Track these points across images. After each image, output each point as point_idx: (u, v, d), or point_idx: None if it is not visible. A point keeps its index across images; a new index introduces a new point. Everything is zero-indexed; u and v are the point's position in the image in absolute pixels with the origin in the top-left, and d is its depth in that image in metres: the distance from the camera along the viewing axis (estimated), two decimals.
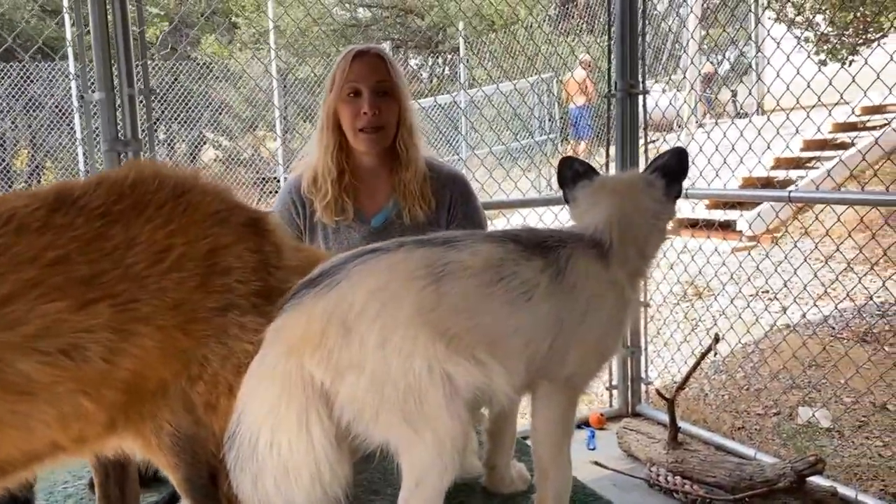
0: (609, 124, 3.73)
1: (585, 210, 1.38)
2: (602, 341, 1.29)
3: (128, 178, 1.15)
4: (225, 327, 1.14)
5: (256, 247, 1.20)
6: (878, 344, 4.14)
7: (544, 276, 1.20)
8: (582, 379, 1.32)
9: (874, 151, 4.22)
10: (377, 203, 2.10)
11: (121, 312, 1.06)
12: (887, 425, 3.46)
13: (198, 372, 1.14)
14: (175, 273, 1.11)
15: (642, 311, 3.65)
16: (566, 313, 1.22)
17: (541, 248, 1.23)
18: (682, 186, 1.41)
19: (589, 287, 1.24)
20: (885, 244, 3.43)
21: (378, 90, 2.00)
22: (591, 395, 4.02)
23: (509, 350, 1.17)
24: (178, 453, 1.14)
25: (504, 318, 1.16)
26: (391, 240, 1.21)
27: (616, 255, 1.29)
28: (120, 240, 1.08)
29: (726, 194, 4.77)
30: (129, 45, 2.58)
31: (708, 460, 2.84)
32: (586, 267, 1.25)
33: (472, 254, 1.17)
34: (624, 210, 1.34)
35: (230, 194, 1.25)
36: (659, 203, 1.37)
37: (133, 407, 1.12)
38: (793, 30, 5.49)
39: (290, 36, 10.82)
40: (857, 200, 3.10)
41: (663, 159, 1.40)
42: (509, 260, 1.19)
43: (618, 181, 1.45)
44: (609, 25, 3.61)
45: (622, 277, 1.29)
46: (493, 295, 1.15)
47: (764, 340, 4.25)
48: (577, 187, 1.42)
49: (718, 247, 4.23)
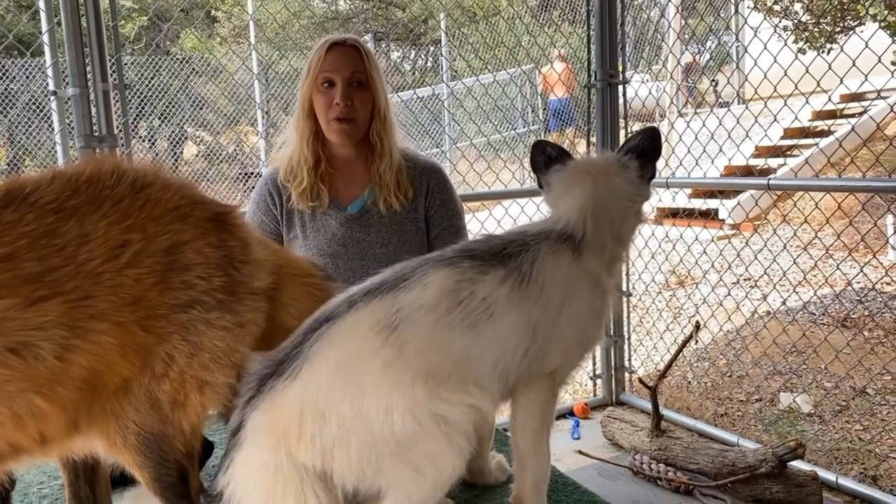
0: (589, 115, 3.73)
1: (559, 195, 1.37)
2: (583, 333, 1.29)
3: (84, 174, 1.13)
4: (188, 324, 1.13)
5: (220, 242, 1.18)
6: (857, 329, 4.19)
7: (505, 286, 1.18)
8: (565, 371, 1.32)
9: (854, 139, 4.26)
10: (354, 191, 2.10)
11: (73, 309, 1.04)
12: (867, 409, 3.50)
13: (162, 370, 1.12)
14: (132, 269, 1.09)
15: (624, 301, 3.67)
16: (539, 317, 1.20)
17: (499, 257, 1.21)
18: (656, 167, 1.39)
19: (560, 284, 1.23)
20: (862, 230, 3.46)
21: (352, 81, 1.99)
22: (576, 384, 4.04)
23: (482, 373, 1.16)
24: (144, 452, 1.13)
25: (469, 345, 1.15)
26: (340, 300, 1.20)
27: (590, 245, 1.27)
28: (73, 236, 1.06)
29: (706, 183, 4.79)
30: (103, 40, 2.54)
31: (691, 447, 2.86)
32: (554, 265, 1.23)
33: (424, 288, 1.15)
34: (598, 194, 1.32)
35: (193, 189, 1.23)
36: (633, 185, 1.35)
37: (95, 405, 1.10)
38: (771, 18, 5.51)
39: (269, 30, 10.73)
40: (834, 187, 3.12)
41: (636, 140, 1.38)
42: (465, 280, 1.17)
43: (591, 164, 1.43)
44: (588, 15, 3.60)
45: (597, 266, 1.28)
46: (453, 324, 1.14)
47: (745, 327, 4.29)
48: (551, 172, 1.40)
49: (699, 235, 4.25)
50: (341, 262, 2.05)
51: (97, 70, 2.53)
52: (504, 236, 1.30)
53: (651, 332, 4.35)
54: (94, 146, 2.55)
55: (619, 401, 3.71)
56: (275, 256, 1.31)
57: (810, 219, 3.96)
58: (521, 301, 1.19)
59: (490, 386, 1.17)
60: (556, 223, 1.30)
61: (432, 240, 2.12)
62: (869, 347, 3.83)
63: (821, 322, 4.39)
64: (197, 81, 11.64)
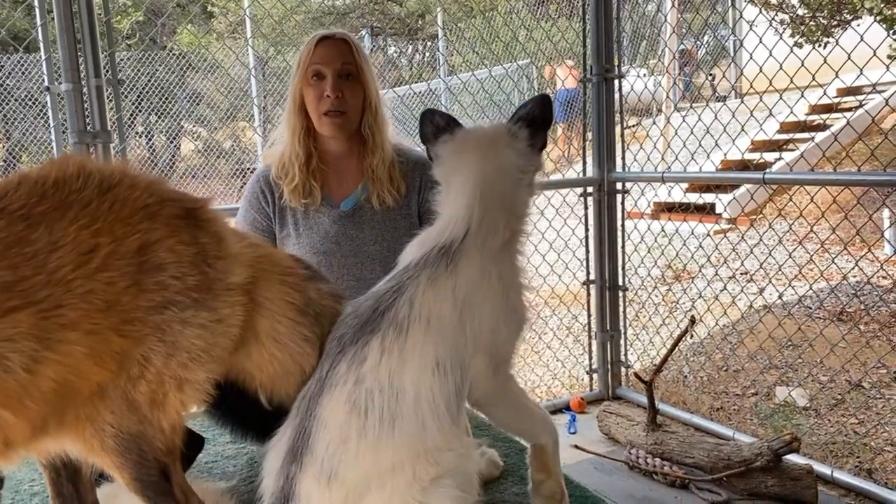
0: (585, 109, 3.72)
1: (448, 171, 1.32)
2: (502, 327, 1.26)
3: (50, 177, 1.10)
4: (164, 324, 1.11)
5: (192, 239, 1.16)
6: (852, 323, 4.20)
7: (386, 354, 1.16)
8: (504, 358, 1.30)
9: (850, 133, 4.26)
10: (346, 188, 2.09)
11: (44, 320, 1.01)
12: (862, 403, 3.51)
13: (139, 372, 1.11)
14: (103, 274, 1.06)
15: (620, 295, 3.68)
16: (443, 350, 1.17)
17: (371, 323, 1.19)
18: (546, 136, 1.34)
19: (449, 305, 1.20)
20: (858, 224, 3.46)
21: (342, 73, 1.99)
22: (572, 379, 4.04)
23: (432, 436, 1.15)
24: (123, 454, 1.12)
25: (404, 434, 1.13)
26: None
27: (481, 230, 1.24)
28: (43, 243, 1.04)
29: (701, 177, 4.79)
30: (96, 35, 2.53)
31: (686, 441, 2.87)
32: (436, 292, 1.20)
33: (326, 429, 1.14)
34: (487, 169, 1.28)
35: (162, 186, 1.20)
36: (524, 156, 1.30)
37: (68, 412, 1.08)
38: (767, 12, 5.51)
39: (266, 25, 10.70)
40: (829, 181, 3.11)
41: (527, 108, 1.33)
42: (354, 388, 1.14)
43: (479, 135, 1.36)
44: (584, 10, 3.60)
45: (487, 254, 1.25)
46: (377, 436, 1.12)
47: (741, 321, 4.29)
48: (439, 143, 1.35)
49: (695, 229, 4.25)
50: (334, 259, 2.05)
51: (90, 66, 2.52)
52: (377, 290, 1.26)
53: (647, 327, 4.36)
54: (88, 142, 2.54)
55: (615, 395, 3.72)
56: (252, 250, 1.28)
57: (806, 213, 3.96)
58: (412, 352, 1.16)
59: (449, 430, 1.16)
60: (441, 233, 1.26)
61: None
62: (864, 341, 3.84)
63: (817, 316, 4.39)
64: (193, 77, 11.61)
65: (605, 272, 3.65)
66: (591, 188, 3.60)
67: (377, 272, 2.05)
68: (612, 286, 3.66)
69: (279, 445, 1.19)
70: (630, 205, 3.77)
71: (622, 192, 3.61)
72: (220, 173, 11.40)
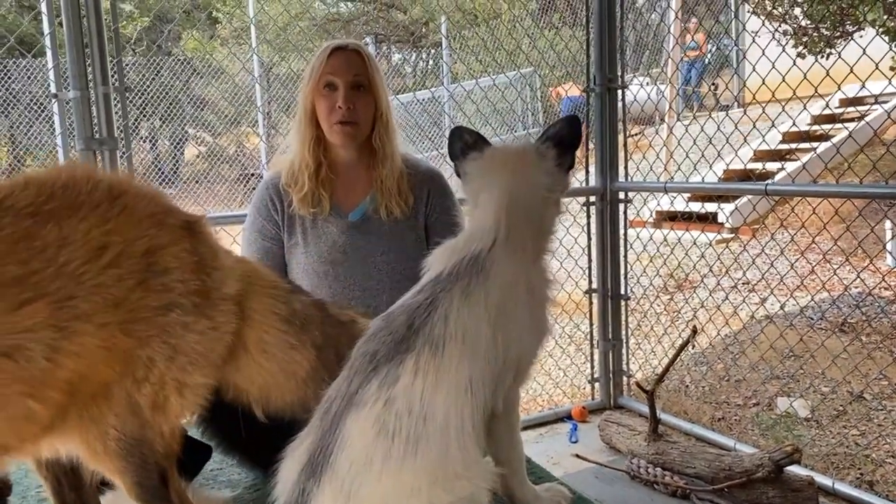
0: (588, 118, 3.74)
1: (476, 188, 1.33)
2: (529, 344, 1.27)
3: (59, 179, 1.13)
4: (168, 326, 1.14)
5: (193, 248, 1.19)
6: (854, 334, 4.20)
7: (422, 374, 1.14)
8: (523, 369, 1.31)
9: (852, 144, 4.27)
10: (355, 198, 2.10)
11: (59, 310, 1.03)
12: (863, 414, 3.51)
13: (143, 374, 1.13)
14: (114, 270, 1.09)
15: (622, 304, 3.69)
16: (474, 369, 1.16)
17: (406, 341, 1.17)
18: (574, 156, 1.35)
19: (484, 322, 1.19)
20: (860, 236, 3.47)
21: (354, 84, 2.00)
22: (574, 388, 4.05)
23: (455, 459, 1.13)
24: (125, 457, 1.13)
25: (428, 457, 1.11)
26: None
27: (509, 246, 1.25)
28: (52, 238, 1.06)
29: (703, 188, 4.80)
30: (104, 42, 2.55)
31: (688, 451, 2.87)
32: (470, 307, 1.20)
33: (350, 448, 1.12)
34: (514, 187, 1.28)
35: (164, 198, 1.25)
36: (550, 175, 1.31)
37: (75, 409, 1.10)
38: (770, 23, 5.52)
39: (271, 32, 10.75)
40: (831, 193, 3.13)
41: (555, 128, 1.33)
42: (384, 408, 1.13)
43: (507, 153, 1.37)
44: (588, 20, 3.62)
45: (519, 267, 1.25)
46: (401, 458, 1.11)
47: (743, 332, 4.30)
48: (468, 160, 1.35)
49: (697, 239, 4.26)
50: (342, 269, 2.05)
51: (98, 73, 2.55)
52: (410, 304, 1.24)
53: (649, 336, 4.36)
54: (95, 149, 2.56)
55: (617, 404, 3.72)
56: (241, 265, 1.33)
57: (808, 224, 3.97)
58: (447, 371, 1.15)
59: (471, 454, 1.15)
60: (469, 243, 1.27)
61: (431, 247, 2.13)
62: (866, 353, 3.84)
63: (818, 327, 4.39)
64: (198, 83, 11.66)
65: (607, 281, 3.66)
66: (594, 197, 3.61)
67: (384, 282, 2.06)
68: (614, 295, 3.67)
69: (297, 455, 1.19)
70: (633, 214, 3.78)
71: (625, 201, 3.62)
72: (224, 178, 11.44)
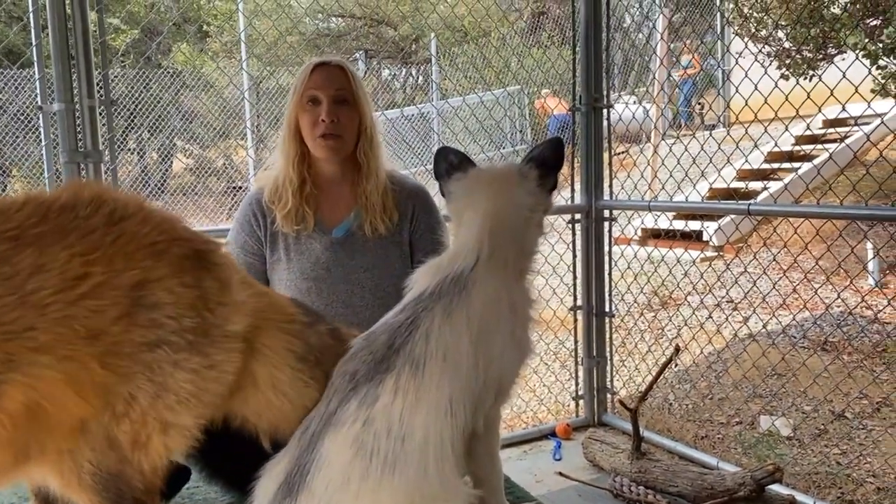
0: (574, 137, 3.77)
1: (460, 207, 1.35)
2: (511, 363, 1.27)
3: (58, 200, 1.10)
4: (155, 363, 1.10)
5: (195, 281, 1.14)
6: (836, 353, 4.23)
7: (401, 393, 1.13)
8: (504, 389, 1.30)
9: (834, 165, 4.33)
10: (339, 214, 2.10)
11: (9, 341, 0.99)
12: (845, 433, 3.53)
13: (123, 409, 1.09)
14: (91, 301, 1.05)
15: (607, 321, 3.70)
16: (455, 389, 1.16)
17: (386, 360, 1.17)
18: (557, 178, 1.37)
19: (464, 337, 1.20)
20: (841, 256, 3.51)
21: (337, 98, 2.00)
22: (559, 405, 4.05)
23: (432, 481, 1.13)
24: (100, 492, 1.10)
25: (403, 478, 1.11)
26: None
27: (491, 263, 1.26)
28: (26, 264, 1.03)
29: (687, 207, 4.84)
30: (90, 55, 2.55)
31: (670, 470, 2.88)
32: (452, 325, 1.20)
33: (327, 467, 1.11)
34: (497, 207, 1.30)
35: (175, 224, 1.19)
36: (533, 195, 1.33)
37: (48, 442, 1.07)
38: (755, 44, 5.61)
39: (261, 46, 10.78)
40: (812, 213, 3.17)
41: (539, 150, 1.36)
42: (362, 428, 1.12)
43: (491, 174, 1.39)
44: (574, 40, 3.66)
45: (501, 283, 1.25)
46: (377, 479, 1.10)
47: (726, 350, 4.32)
48: (452, 180, 1.37)
49: (681, 257, 4.29)
50: (325, 286, 2.05)
51: (83, 86, 2.54)
52: (391, 323, 1.24)
53: (633, 353, 4.38)
54: (79, 161, 2.55)
55: (601, 422, 3.72)
56: (256, 300, 1.26)
57: (790, 243, 4.01)
58: (428, 391, 1.15)
59: (450, 475, 1.14)
60: (453, 262, 1.27)
61: (416, 265, 2.13)
62: (847, 371, 3.87)
63: (800, 345, 4.43)
64: (187, 95, 11.65)
65: (592, 298, 3.67)
66: (579, 215, 3.64)
67: (367, 300, 2.06)
68: (598, 312, 3.68)
69: (274, 474, 1.18)
70: (618, 231, 3.80)
71: (609, 219, 3.65)
72: (212, 191, 11.41)
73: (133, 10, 12.26)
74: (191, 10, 12.58)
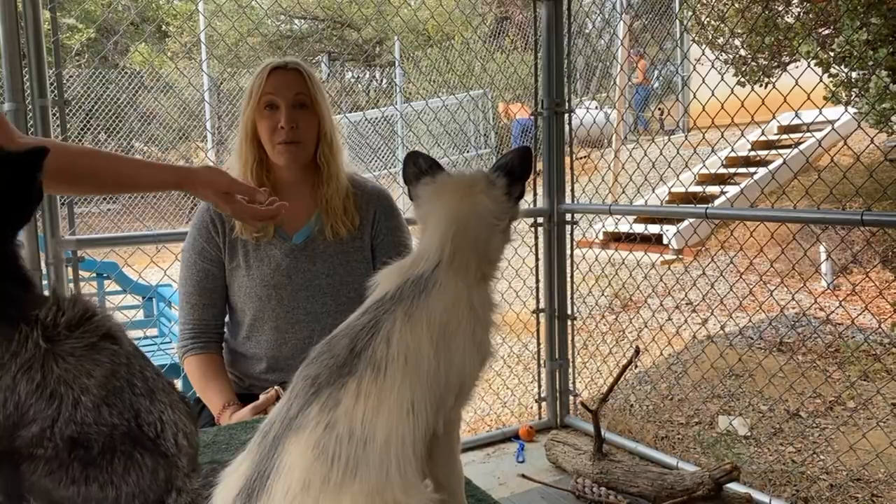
0: (536, 142, 3.80)
1: (426, 211, 1.35)
2: (473, 364, 1.25)
3: None
4: None
5: None
6: (790, 353, 4.34)
7: (362, 397, 1.12)
8: (464, 392, 1.30)
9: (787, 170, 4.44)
10: (299, 219, 2.06)
11: None
12: (799, 432, 3.61)
13: None
14: None
15: (569, 324, 3.73)
16: (417, 391, 1.15)
17: (347, 365, 1.15)
18: (524, 186, 1.37)
19: (425, 339, 1.19)
20: (795, 258, 3.60)
21: (296, 103, 1.97)
22: (521, 407, 4.07)
23: (395, 486, 1.10)
24: None
25: (366, 483, 1.08)
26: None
27: (453, 266, 1.26)
28: None
29: (647, 210, 4.93)
30: (42, 54, 2.49)
31: (631, 471, 2.91)
32: (413, 326, 1.19)
33: (288, 472, 1.09)
34: (462, 212, 1.30)
35: None
36: (499, 203, 1.32)
37: None
38: (712, 52, 5.73)
39: (221, 47, 10.63)
40: (767, 217, 3.25)
41: (506, 158, 1.36)
42: (324, 432, 1.09)
43: (458, 181, 1.38)
44: (536, 45, 3.69)
45: (462, 285, 1.26)
46: (339, 483, 1.07)
47: (685, 351, 4.40)
48: (420, 184, 1.37)
49: (641, 260, 4.36)
50: (285, 292, 2.02)
51: (35, 85, 2.48)
52: (353, 326, 1.22)
53: (595, 355, 4.42)
54: None
55: (563, 423, 3.75)
56: None
57: (747, 246, 4.10)
58: (389, 393, 1.13)
59: (412, 479, 1.12)
60: (414, 265, 1.27)
61: (378, 267, 2.12)
62: (801, 371, 3.97)
63: (757, 346, 4.53)
64: (146, 96, 11.43)
65: (554, 301, 3.70)
66: (542, 218, 3.67)
67: (328, 305, 2.04)
68: (561, 315, 3.71)
69: (232, 480, 1.16)
70: (580, 234, 3.84)
71: (571, 223, 3.68)
72: (170, 195, 11.19)
73: (89, 8, 11.99)
74: (149, 9, 12.35)
